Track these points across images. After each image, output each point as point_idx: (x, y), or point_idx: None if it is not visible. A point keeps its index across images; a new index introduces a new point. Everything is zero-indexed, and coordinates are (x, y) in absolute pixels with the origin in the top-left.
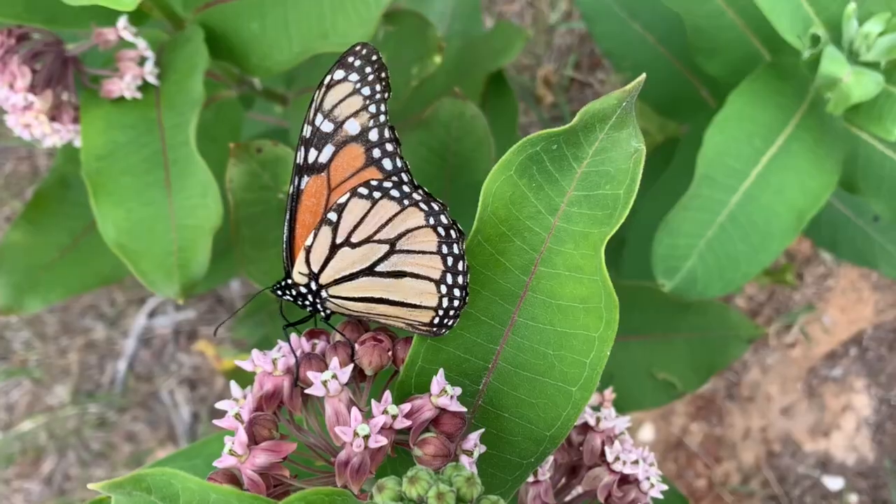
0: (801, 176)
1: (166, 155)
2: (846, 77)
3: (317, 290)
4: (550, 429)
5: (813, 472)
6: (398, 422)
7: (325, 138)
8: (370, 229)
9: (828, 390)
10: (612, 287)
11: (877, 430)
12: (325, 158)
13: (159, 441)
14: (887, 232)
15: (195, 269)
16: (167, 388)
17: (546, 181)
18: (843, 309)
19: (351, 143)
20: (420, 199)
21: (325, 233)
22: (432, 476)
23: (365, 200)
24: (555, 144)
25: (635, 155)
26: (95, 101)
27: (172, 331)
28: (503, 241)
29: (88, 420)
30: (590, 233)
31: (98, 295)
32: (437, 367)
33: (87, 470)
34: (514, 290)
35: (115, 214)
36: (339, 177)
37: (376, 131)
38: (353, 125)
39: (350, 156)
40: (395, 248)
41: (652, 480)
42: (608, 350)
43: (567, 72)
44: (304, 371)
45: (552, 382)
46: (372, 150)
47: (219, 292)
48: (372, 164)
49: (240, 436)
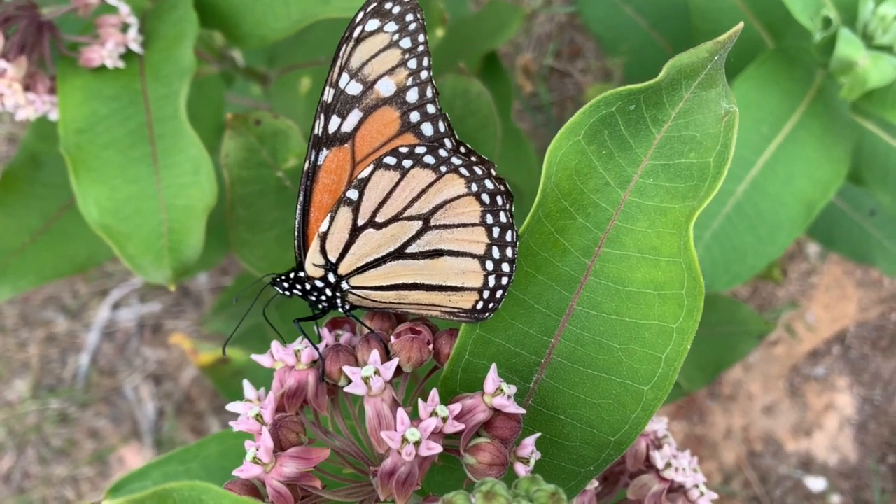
0: (810, 165)
1: (152, 129)
2: (862, 60)
3: (336, 282)
4: (615, 433)
5: (795, 473)
6: (449, 425)
7: (350, 102)
8: (399, 205)
9: (810, 389)
10: (699, 270)
11: (859, 429)
12: (350, 126)
13: (123, 438)
14: (884, 227)
15: (187, 253)
16: (131, 383)
17: (618, 148)
18: (827, 306)
19: (383, 106)
20: (460, 164)
21: (345, 214)
22: (509, 490)
23: (393, 171)
24: (633, 104)
25: (727, 118)
26: (74, 71)
27: (137, 324)
28: (564, 217)
29: (49, 416)
30: (668, 208)
31: (60, 286)
32: (485, 362)
33: (48, 467)
34: (574, 275)
35: (98, 192)
36: (366, 148)
37: (416, 91)
38: (387, 85)
39: (381, 122)
40: (429, 224)
41: (701, 489)
42: (689, 343)
43: (547, 61)
44: (332, 366)
45: (618, 380)
46: (409, 113)
47: (185, 285)
48: (409, 130)
49: (265, 441)
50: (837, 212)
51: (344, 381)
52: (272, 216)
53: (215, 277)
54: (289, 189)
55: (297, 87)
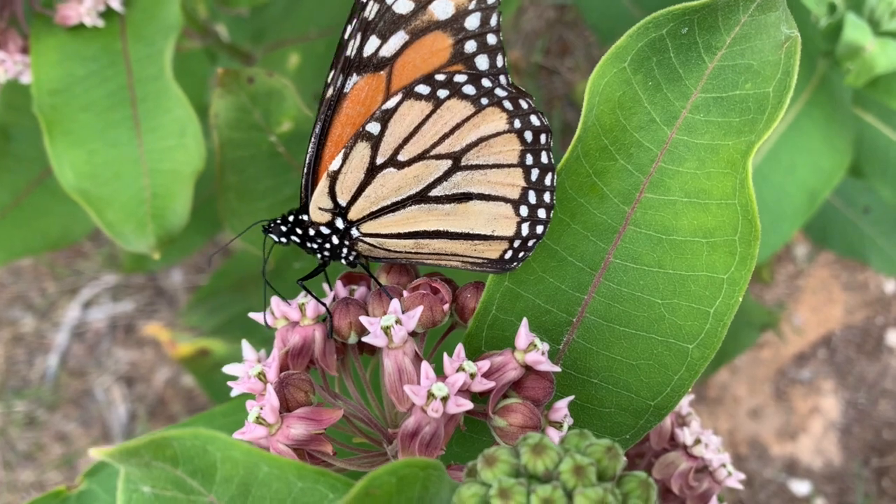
0: (813, 154)
1: (133, 91)
2: (870, 46)
3: (344, 228)
4: (655, 397)
5: (779, 476)
6: (477, 382)
7: (396, 22)
8: (428, 141)
9: (796, 392)
10: (756, 212)
11: (844, 433)
12: (391, 51)
13: (92, 441)
14: (877, 225)
15: (172, 220)
16: (102, 384)
17: (666, 79)
18: (814, 309)
19: (435, 31)
20: (504, 96)
21: (361, 151)
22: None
23: (424, 102)
24: (685, 27)
25: (788, 43)
26: (49, 29)
27: (108, 324)
28: (604, 157)
29: (15, 419)
30: (720, 146)
31: (27, 284)
32: (512, 319)
33: (13, 472)
34: (611, 224)
35: (74, 156)
36: (406, 77)
37: (478, 16)
38: (444, 6)
39: (429, 49)
40: (460, 164)
41: (728, 468)
42: (740, 296)
43: (536, 58)
44: (340, 320)
45: (659, 339)
46: (465, 42)
47: (159, 283)
48: (460, 61)
49: (270, 398)
50: (831, 209)
51: (354, 337)
52: (264, 184)
53: (190, 276)
54: (282, 156)
55: (285, 65)
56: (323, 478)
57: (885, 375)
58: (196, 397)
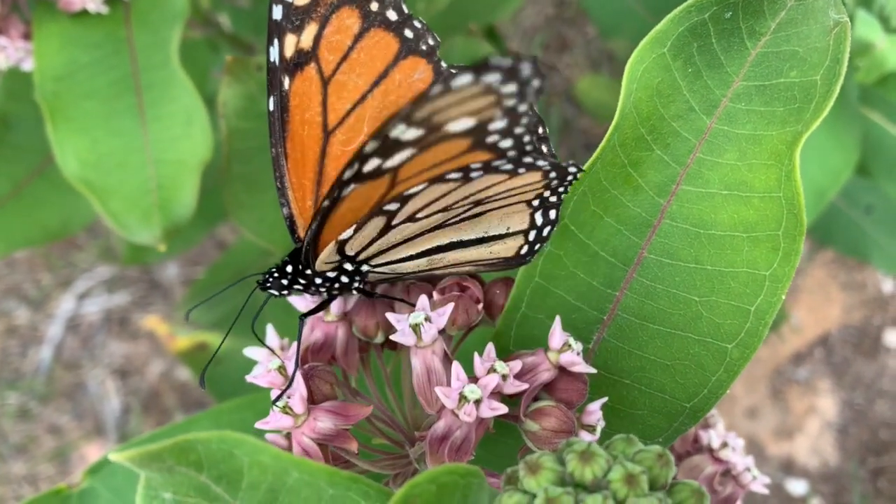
0: (821, 151)
1: (138, 79)
2: (880, 42)
3: (354, 269)
4: (692, 399)
5: (776, 476)
6: (509, 384)
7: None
8: (453, 200)
9: (793, 392)
10: (802, 205)
11: (840, 433)
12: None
13: (85, 434)
14: (880, 224)
15: (179, 211)
16: (95, 377)
17: (707, 66)
18: (811, 308)
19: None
20: (543, 164)
21: (377, 223)
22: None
23: (451, 183)
24: (729, 11)
25: (836, 29)
26: (52, 15)
27: (103, 316)
28: (640, 147)
29: (8, 411)
30: (763, 136)
31: (21, 275)
32: (541, 317)
33: (5, 464)
34: (646, 218)
35: (78, 144)
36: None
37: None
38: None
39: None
40: (481, 202)
41: (753, 472)
42: (783, 293)
43: (534, 54)
44: (366, 319)
45: (696, 338)
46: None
47: (154, 276)
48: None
49: (299, 387)
50: (834, 209)
51: (381, 336)
52: (271, 175)
53: (186, 269)
54: None
55: None
56: (355, 484)
57: (882, 375)
58: (190, 391)
